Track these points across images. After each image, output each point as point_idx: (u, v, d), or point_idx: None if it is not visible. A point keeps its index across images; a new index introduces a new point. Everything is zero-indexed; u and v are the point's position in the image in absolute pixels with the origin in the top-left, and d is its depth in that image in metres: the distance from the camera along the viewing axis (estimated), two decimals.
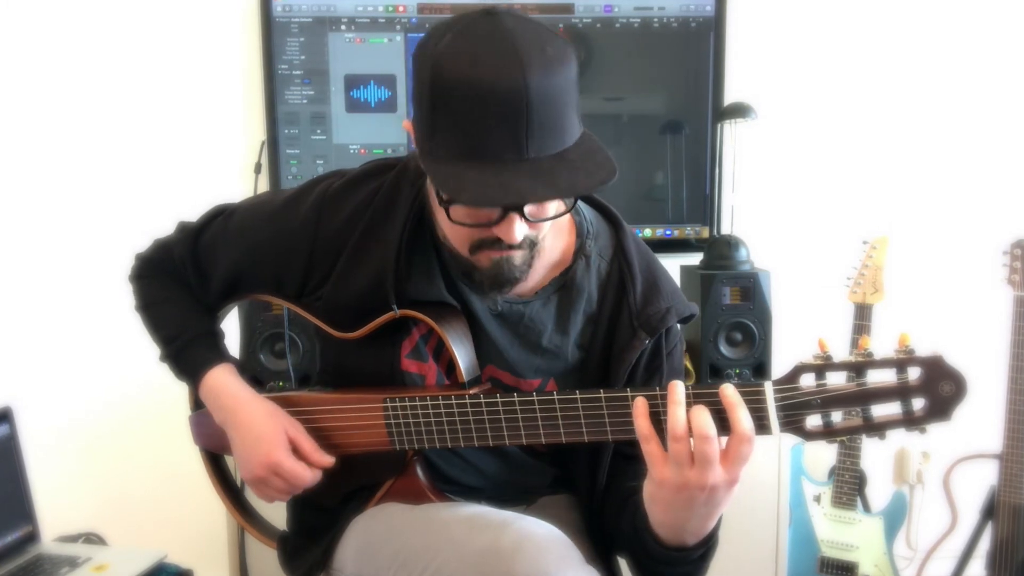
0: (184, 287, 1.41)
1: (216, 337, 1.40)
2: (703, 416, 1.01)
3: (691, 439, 1.02)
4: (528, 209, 1.10)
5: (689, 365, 2.14)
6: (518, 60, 1.01)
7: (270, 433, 1.27)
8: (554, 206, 1.14)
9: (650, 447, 1.05)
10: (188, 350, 1.36)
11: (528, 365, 1.30)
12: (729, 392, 1.02)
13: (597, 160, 1.07)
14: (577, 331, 1.29)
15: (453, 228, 1.16)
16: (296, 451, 1.28)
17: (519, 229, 1.11)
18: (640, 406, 1.06)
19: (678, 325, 1.30)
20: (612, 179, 1.05)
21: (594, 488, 1.29)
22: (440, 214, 1.16)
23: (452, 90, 1.03)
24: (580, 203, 1.32)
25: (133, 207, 2.37)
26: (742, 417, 1.01)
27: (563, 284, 1.29)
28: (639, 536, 1.15)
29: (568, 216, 1.29)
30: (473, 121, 1.03)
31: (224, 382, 1.34)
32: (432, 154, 1.08)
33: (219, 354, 1.37)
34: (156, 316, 1.41)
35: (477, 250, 1.17)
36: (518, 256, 1.17)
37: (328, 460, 1.29)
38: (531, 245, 1.17)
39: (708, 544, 1.13)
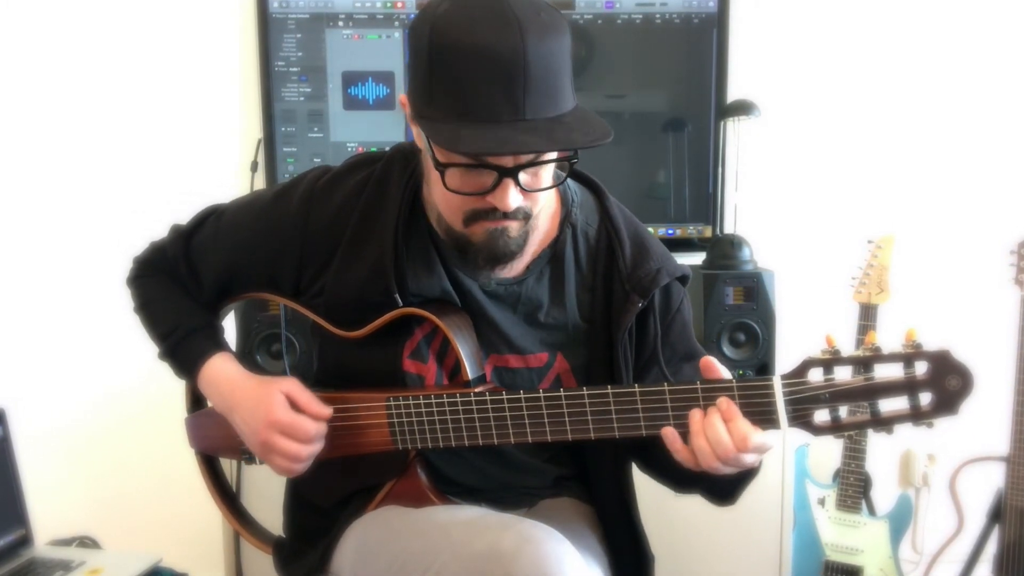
0: (180, 285, 1.40)
1: (214, 330, 1.40)
2: (728, 449, 1.06)
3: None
4: (523, 179, 1.11)
5: None
6: (516, 23, 1.04)
7: (266, 395, 1.26)
8: (548, 176, 1.16)
9: (682, 457, 1.11)
10: (185, 344, 1.36)
11: (534, 340, 1.29)
12: (724, 406, 1.07)
13: (592, 123, 1.10)
14: (574, 302, 1.29)
15: (447, 199, 1.16)
16: (295, 407, 1.26)
17: (513, 196, 1.12)
18: (673, 440, 1.11)
19: (678, 285, 1.31)
20: (607, 139, 1.08)
21: (616, 454, 1.30)
22: (436, 185, 1.17)
23: (450, 53, 1.06)
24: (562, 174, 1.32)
25: (128, 206, 2.36)
26: (740, 429, 1.06)
27: (553, 255, 1.29)
28: (686, 472, 1.18)
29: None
30: (471, 82, 1.05)
31: (222, 369, 1.34)
32: (430, 117, 1.09)
33: (216, 344, 1.37)
34: (152, 314, 1.40)
35: (472, 222, 1.17)
36: (514, 228, 1.17)
37: (327, 411, 1.27)
38: (526, 217, 1.18)
39: None
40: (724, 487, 1.23)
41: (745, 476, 1.19)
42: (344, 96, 2.29)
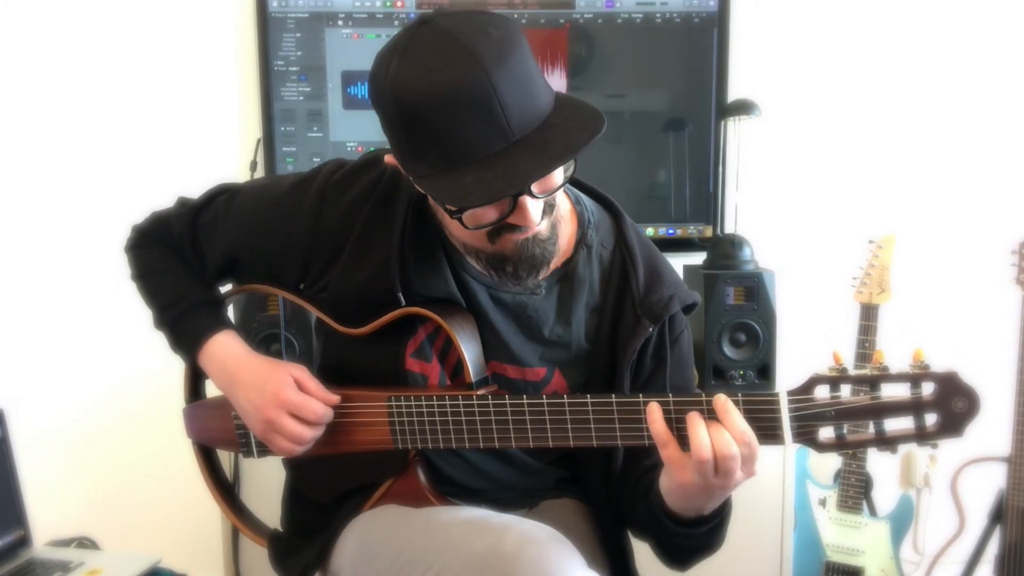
0: (182, 259, 1.40)
1: (219, 306, 1.39)
2: (725, 437, 1.03)
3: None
4: (535, 188, 1.10)
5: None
6: (469, 56, 1.02)
7: (274, 375, 1.26)
8: (558, 174, 1.14)
9: (669, 451, 1.07)
10: (188, 317, 1.35)
11: (533, 354, 1.29)
12: (720, 403, 1.06)
13: (582, 115, 1.08)
14: (581, 322, 1.29)
15: (470, 232, 1.15)
16: (302, 391, 1.26)
17: (534, 209, 1.12)
18: (654, 411, 1.08)
19: (681, 314, 1.30)
20: (602, 128, 1.05)
21: (608, 476, 1.28)
22: (454, 226, 1.16)
23: (419, 108, 1.03)
24: (580, 193, 1.32)
25: (128, 206, 2.33)
26: (737, 422, 1.04)
27: (564, 274, 1.28)
28: (655, 516, 1.17)
29: (570, 207, 1.29)
30: (451, 129, 1.03)
31: (227, 346, 1.33)
32: (425, 176, 1.08)
33: (221, 321, 1.36)
34: (154, 284, 1.39)
35: (497, 237, 1.16)
36: (543, 231, 1.18)
37: (334, 397, 1.27)
38: (550, 210, 1.17)
39: (724, 508, 1.16)
40: (682, 546, 1.22)
41: (703, 545, 1.20)
42: (344, 95, 2.29)
